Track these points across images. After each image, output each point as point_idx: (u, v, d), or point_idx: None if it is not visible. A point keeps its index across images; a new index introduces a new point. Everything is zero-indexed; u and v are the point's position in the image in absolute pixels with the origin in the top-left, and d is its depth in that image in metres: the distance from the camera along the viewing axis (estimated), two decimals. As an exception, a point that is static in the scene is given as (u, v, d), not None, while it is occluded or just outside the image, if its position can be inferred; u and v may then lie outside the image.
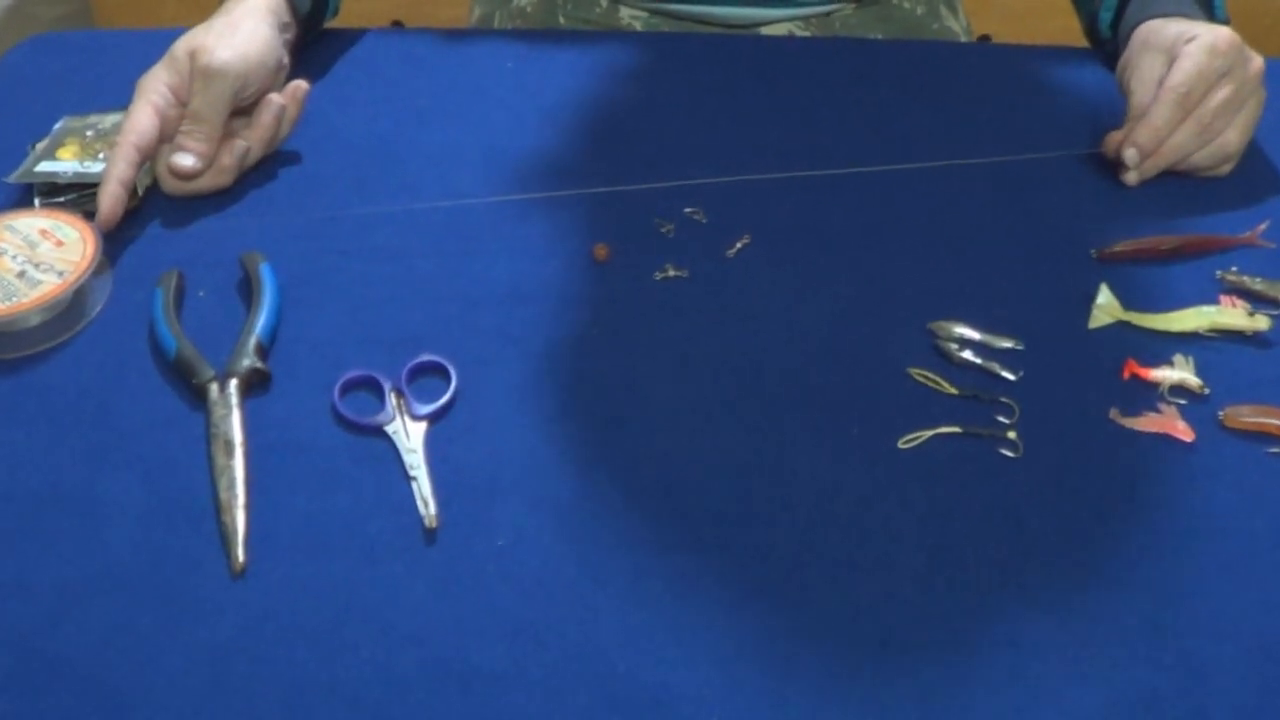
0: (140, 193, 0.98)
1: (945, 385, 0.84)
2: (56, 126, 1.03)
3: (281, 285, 0.89)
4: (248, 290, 0.89)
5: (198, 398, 0.82)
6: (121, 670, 0.68)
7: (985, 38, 2.18)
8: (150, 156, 0.97)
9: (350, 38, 1.21)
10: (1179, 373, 0.84)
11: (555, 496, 0.77)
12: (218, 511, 0.75)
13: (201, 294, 0.91)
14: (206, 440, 0.79)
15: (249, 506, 0.76)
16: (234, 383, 0.82)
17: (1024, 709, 0.66)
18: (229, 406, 0.81)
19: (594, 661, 0.68)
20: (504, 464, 0.79)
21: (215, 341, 0.85)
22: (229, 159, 0.98)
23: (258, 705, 0.66)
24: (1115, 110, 1.05)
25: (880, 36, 1.28)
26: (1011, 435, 0.80)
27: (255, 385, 0.83)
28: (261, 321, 0.86)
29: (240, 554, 0.73)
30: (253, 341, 0.84)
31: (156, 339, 0.86)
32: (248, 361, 0.83)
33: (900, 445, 0.80)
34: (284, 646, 0.69)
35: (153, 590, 0.72)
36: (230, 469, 0.77)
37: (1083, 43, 1.22)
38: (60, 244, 0.90)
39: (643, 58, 1.17)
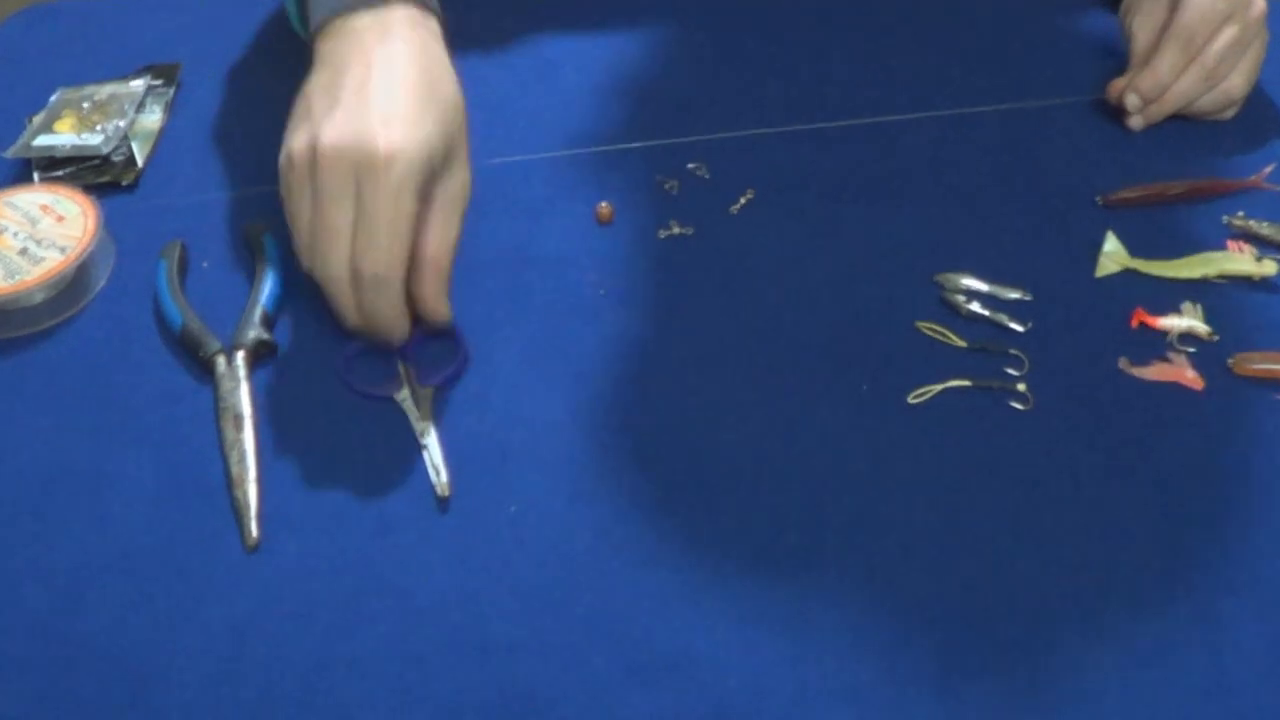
0: (141, 164, 0.97)
1: (954, 338, 0.83)
2: (53, 99, 1.02)
3: (285, 255, 0.89)
4: (251, 261, 0.89)
5: (205, 371, 0.82)
6: (139, 649, 0.68)
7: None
8: None
9: None
10: (1187, 320, 0.84)
11: (567, 461, 0.77)
12: (229, 486, 0.75)
13: (205, 265, 0.90)
14: (215, 414, 0.79)
15: (261, 480, 0.76)
16: (241, 355, 0.82)
17: (1038, 663, 0.67)
18: (237, 379, 0.81)
19: (611, 627, 0.68)
20: (514, 429, 0.79)
21: (221, 313, 0.85)
22: None
23: (276, 680, 0.66)
24: (1119, 54, 1.04)
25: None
26: (1021, 388, 0.80)
27: (263, 356, 0.83)
28: (266, 292, 0.85)
29: (254, 529, 0.73)
30: (258, 312, 0.84)
31: (162, 312, 0.86)
32: (254, 333, 0.83)
33: (910, 400, 0.80)
34: (300, 620, 0.69)
35: (167, 568, 0.72)
36: (240, 442, 0.77)
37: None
38: (61, 219, 0.89)
39: (640, 11, 1.16)
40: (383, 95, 0.77)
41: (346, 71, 0.79)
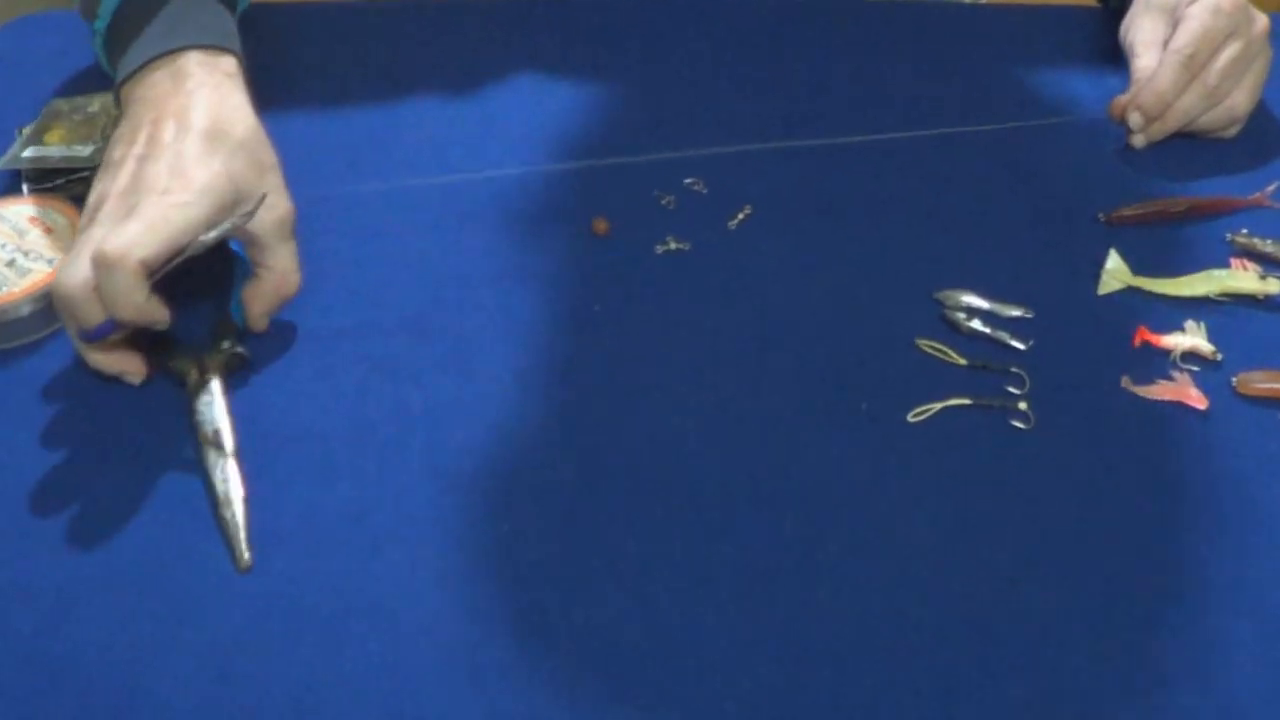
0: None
1: (954, 356, 0.82)
2: (43, 110, 1.01)
3: None
4: (229, 275, 0.87)
5: (180, 386, 0.81)
6: (126, 671, 0.66)
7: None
8: None
9: (334, 12, 1.19)
10: (1191, 339, 0.83)
11: (560, 479, 0.76)
12: (215, 505, 0.74)
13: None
14: (192, 430, 0.78)
15: (248, 499, 0.74)
16: (213, 368, 0.80)
17: (1040, 683, 0.66)
18: (211, 393, 0.79)
19: (604, 650, 0.67)
20: (507, 446, 0.78)
21: (198, 327, 0.84)
22: None
23: (265, 702, 0.65)
24: (1121, 72, 1.03)
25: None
26: (1023, 406, 0.79)
27: (235, 369, 0.82)
28: (235, 303, 0.84)
29: (245, 552, 0.71)
30: (229, 325, 0.83)
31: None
32: (225, 345, 0.81)
33: (910, 419, 0.79)
34: (289, 642, 0.68)
35: (154, 587, 0.70)
36: (222, 460, 0.76)
37: None
38: (49, 231, 0.88)
39: (637, 23, 1.16)
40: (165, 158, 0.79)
41: (140, 128, 0.82)
